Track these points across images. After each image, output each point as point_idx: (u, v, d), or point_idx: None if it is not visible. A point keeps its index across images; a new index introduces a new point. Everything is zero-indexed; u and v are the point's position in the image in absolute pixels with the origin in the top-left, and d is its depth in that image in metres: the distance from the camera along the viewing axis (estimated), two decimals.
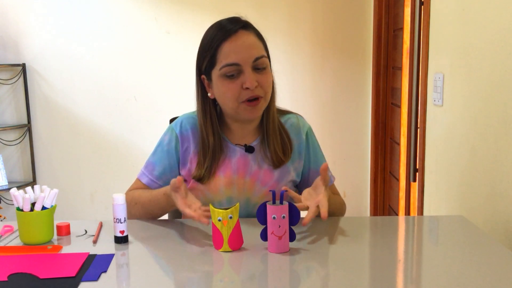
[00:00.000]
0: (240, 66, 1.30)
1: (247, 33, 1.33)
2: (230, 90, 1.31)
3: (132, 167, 3.48)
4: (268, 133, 1.41)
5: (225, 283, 1.02)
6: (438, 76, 1.86)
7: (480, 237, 1.23)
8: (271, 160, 1.40)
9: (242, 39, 1.31)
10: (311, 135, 1.48)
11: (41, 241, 1.22)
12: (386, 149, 3.12)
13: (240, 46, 1.30)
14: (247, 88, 1.29)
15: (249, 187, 1.40)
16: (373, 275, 1.05)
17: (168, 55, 3.38)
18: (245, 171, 1.40)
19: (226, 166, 1.40)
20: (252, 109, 1.33)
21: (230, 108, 1.34)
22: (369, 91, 3.30)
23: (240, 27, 1.33)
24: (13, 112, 3.48)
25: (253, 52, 1.31)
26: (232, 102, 1.32)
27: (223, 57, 1.30)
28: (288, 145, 1.43)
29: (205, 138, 1.39)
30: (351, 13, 3.32)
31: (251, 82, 1.29)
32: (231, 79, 1.30)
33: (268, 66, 1.36)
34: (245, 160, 1.41)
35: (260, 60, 1.31)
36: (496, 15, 1.41)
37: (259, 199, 1.39)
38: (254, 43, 1.33)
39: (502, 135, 1.37)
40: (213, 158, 1.38)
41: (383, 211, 3.18)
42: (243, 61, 1.29)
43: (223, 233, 1.14)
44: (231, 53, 1.30)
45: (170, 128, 1.45)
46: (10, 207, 3.48)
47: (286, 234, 1.14)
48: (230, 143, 1.42)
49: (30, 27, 3.38)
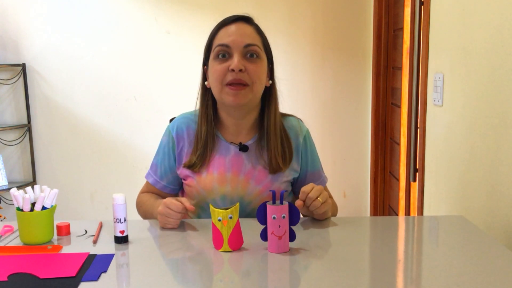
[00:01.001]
0: (230, 48, 1.35)
1: (245, 24, 1.39)
2: (217, 71, 1.36)
3: (132, 167, 3.48)
4: (268, 136, 1.41)
5: (225, 283, 1.02)
6: (438, 76, 1.86)
7: (480, 237, 1.23)
8: (268, 164, 1.41)
9: (238, 26, 1.38)
10: (309, 138, 1.50)
11: (41, 241, 1.22)
12: (386, 149, 3.12)
13: (234, 31, 1.36)
14: (232, 70, 1.33)
15: (242, 186, 1.41)
16: (373, 275, 1.05)
17: (168, 55, 3.38)
18: (239, 169, 1.42)
19: (219, 164, 1.42)
20: (235, 93, 1.34)
21: (216, 92, 1.38)
22: (369, 91, 3.30)
23: (240, 18, 1.39)
24: (13, 112, 3.48)
25: (245, 39, 1.36)
26: (217, 85, 1.37)
27: (217, 39, 1.37)
28: (288, 153, 1.43)
29: (199, 127, 1.43)
30: (351, 13, 3.32)
31: (236, 64, 1.33)
32: (221, 61, 1.36)
33: (261, 60, 1.39)
34: (238, 158, 1.43)
35: (251, 48, 1.36)
36: (496, 15, 1.41)
37: (253, 198, 1.41)
38: (250, 32, 1.38)
39: (502, 135, 1.37)
40: (205, 146, 1.41)
41: (383, 211, 3.18)
42: (233, 43, 1.35)
43: (223, 233, 1.14)
44: (224, 36, 1.36)
45: (168, 130, 1.50)
46: (10, 207, 3.48)
47: (286, 234, 1.14)
48: (224, 141, 1.44)
49: (30, 27, 3.38)
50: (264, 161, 1.42)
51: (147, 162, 3.50)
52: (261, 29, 1.43)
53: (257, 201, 1.41)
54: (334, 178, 3.40)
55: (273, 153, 1.40)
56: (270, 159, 1.40)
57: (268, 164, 1.41)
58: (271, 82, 1.44)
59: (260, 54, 1.38)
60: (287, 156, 1.43)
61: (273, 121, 1.42)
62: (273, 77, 1.45)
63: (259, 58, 1.37)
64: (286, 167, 1.42)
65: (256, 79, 1.36)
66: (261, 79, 1.39)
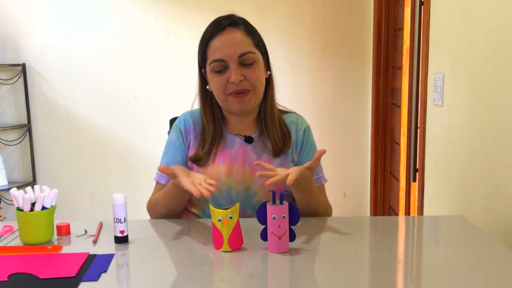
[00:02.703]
0: (225, 62, 1.37)
1: (234, 29, 1.39)
2: (217, 83, 1.38)
3: (132, 167, 3.48)
4: (266, 125, 1.45)
5: (225, 283, 1.02)
6: (438, 76, 1.86)
7: (480, 237, 1.23)
8: (271, 150, 1.44)
9: (228, 36, 1.37)
10: (308, 133, 1.52)
11: (41, 241, 1.22)
12: (386, 149, 3.12)
13: (225, 43, 1.37)
14: (232, 82, 1.36)
15: (248, 176, 1.43)
16: (373, 275, 1.05)
17: (168, 55, 3.38)
18: (245, 160, 1.44)
19: (225, 155, 1.44)
20: (240, 101, 1.39)
21: (220, 101, 1.42)
22: (369, 91, 3.30)
23: (228, 24, 1.39)
24: (13, 112, 3.48)
25: (238, 49, 1.37)
26: (220, 95, 1.40)
27: (211, 53, 1.38)
28: (287, 135, 1.47)
29: (206, 125, 1.45)
30: (351, 13, 3.32)
31: (235, 76, 1.35)
32: (219, 74, 1.38)
33: (257, 61, 1.40)
34: (244, 150, 1.45)
35: (246, 56, 1.37)
36: (496, 15, 1.41)
37: (258, 189, 1.42)
38: (241, 39, 1.38)
39: (502, 135, 1.37)
40: (212, 143, 1.44)
41: (383, 211, 3.18)
42: (228, 57, 1.36)
43: (223, 233, 1.14)
44: (217, 50, 1.37)
45: (175, 126, 1.51)
46: (10, 207, 3.47)
47: (286, 234, 1.14)
48: (229, 133, 1.47)
49: (30, 27, 3.38)
50: (269, 150, 1.44)
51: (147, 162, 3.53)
52: (250, 25, 1.43)
53: (261, 193, 1.42)
54: (334, 178, 3.40)
55: (273, 139, 1.43)
56: (271, 143, 1.44)
57: (271, 148, 1.44)
58: (269, 73, 1.47)
59: (255, 57, 1.39)
60: (287, 137, 1.46)
61: (269, 109, 1.45)
62: (269, 67, 1.48)
63: (255, 61, 1.39)
64: (287, 147, 1.45)
65: (256, 83, 1.39)
66: (261, 80, 1.42)
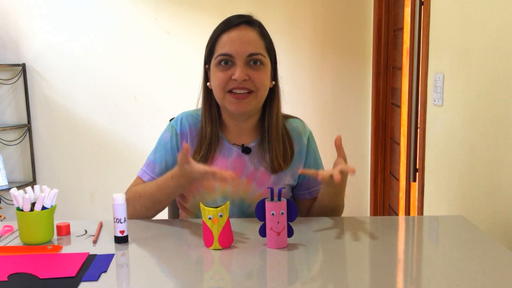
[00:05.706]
0: (233, 58, 1.32)
1: (249, 28, 1.35)
2: (218, 78, 1.34)
3: (132, 167, 3.48)
4: (270, 137, 1.41)
5: (226, 279, 1.02)
6: (438, 76, 1.86)
7: (480, 237, 1.23)
8: (269, 165, 1.40)
9: (241, 32, 1.34)
10: (312, 140, 1.49)
11: (41, 241, 1.22)
12: (386, 149, 3.12)
13: (237, 38, 1.33)
14: (235, 80, 1.31)
15: (244, 188, 1.40)
16: (373, 275, 1.05)
17: (168, 55, 3.38)
18: (241, 171, 1.40)
19: (222, 165, 1.40)
20: (238, 102, 1.34)
21: (218, 99, 1.37)
22: (369, 91, 3.30)
23: (244, 21, 1.35)
24: (13, 112, 3.48)
25: (249, 48, 1.33)
26: (219, 92, 1.35)
27: (220, 46, 1.34)
28: (289, 152, 1.42)
29: (204, 127, 1.41)
30: (351, 13, 3.32)
31: (239, 74, 1.31)
32: (223, 69, 1.33)
33: (265, 66, 1.36)
34: (241, 160, 1.42)
35: (255, 57, 1.33)
36: (496, 15, 1.41)
37: (254, 200, 1.39)
38: (253, 39, 1.34)
39: (502, 135, 1.37)
40: (209, 148, 1.39)
41: (383, 211, 3.18)
42: (236, 53, 1.32)
43: (213, 231, 1.15)
44: (226, 44, 1.33)
45: (170, 125, 1.47)
46: (10, 207, 3.48)
47: (285, 230, 1.15)
48: (227, 142, 1.43)
49: (30, 27, 3.38)
50: (266, 162, 1.41)
51: None
52: (265, 29, 1.40)
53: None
54: None
55: (274, 154, 1.40)
56: (271, 159, 1.40)
57: (270, 165, 1.40)
58: (274, 83, 1.42)
59: (264, 61, 1.35)
60: (288, 155, 1.42)
61: (274, 122, 1.41)
62: (276, 78, 1.43)
63: (262, 64, 1.35)
64: (287, 166, 1.42)
65: (260, 86, 1.35)
66: (265, 85, 1.37)
